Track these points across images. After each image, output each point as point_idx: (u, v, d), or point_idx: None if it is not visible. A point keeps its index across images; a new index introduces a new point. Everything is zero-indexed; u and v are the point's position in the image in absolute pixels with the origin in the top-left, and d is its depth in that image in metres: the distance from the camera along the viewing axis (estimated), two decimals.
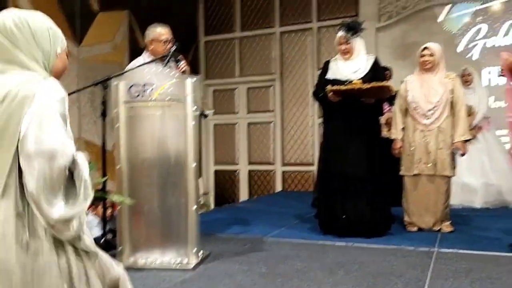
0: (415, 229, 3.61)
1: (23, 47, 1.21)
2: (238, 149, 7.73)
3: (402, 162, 3.67)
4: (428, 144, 3.53)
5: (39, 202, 1.11)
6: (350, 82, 3.33)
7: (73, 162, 1.17)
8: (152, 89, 2.77)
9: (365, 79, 3.32)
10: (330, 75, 3.52)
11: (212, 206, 7.37)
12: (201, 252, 2.86)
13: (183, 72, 3.16)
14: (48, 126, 1.12)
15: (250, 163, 7.67)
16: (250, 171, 7.65)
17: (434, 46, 3.59)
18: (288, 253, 3.05)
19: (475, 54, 6.07)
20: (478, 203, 4.63)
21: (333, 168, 3.46)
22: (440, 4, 6.24)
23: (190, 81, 2.79)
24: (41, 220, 1.13)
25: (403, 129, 3.66)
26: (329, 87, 3.32)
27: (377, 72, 3.43)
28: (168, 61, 3.00)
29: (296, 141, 7.29)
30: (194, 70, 7.00)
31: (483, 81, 5.72)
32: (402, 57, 6.12)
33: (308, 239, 3.42)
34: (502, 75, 2.90)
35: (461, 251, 2.97)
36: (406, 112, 3.67)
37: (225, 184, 7.80)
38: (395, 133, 3.69)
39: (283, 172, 7.42)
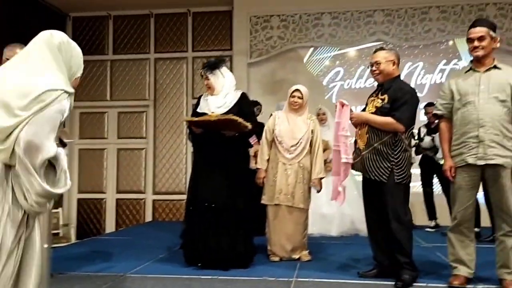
0: (277, 259, 3.77)
1: (64, 59, 1.73)
2: (106, 176, 7.32)
3: (264, 192, 3.84)
4: (288, 177, 3.75)
5: (33, 175, 1.54)
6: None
7: (55, 157, 1.62)
8: None
9: (231, 113, 3.43)
10: (199, 109, 3.62)
11: (73, 239, 6.80)
12: None
13: None
14: (47, 128, 1.58)
15: (119, 191, 7.31)
16: (118, 200, 7.28)
17: (303, 89, 3.88)
18: None
19: (334, 94, 6.72)
20: (334, 232, 5.03)
21: (198, 199, 3.48)
22: (304, 47, 6.81)
23: None
24: (24, 192, 1.57)
25: (268, 160, 3.85)
26: (185, 118, 3.40)
27: (243, 106, 3.57)
28: None
29: (168, 169, 7.18)
30: None
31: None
32: (272, 93, 6.50)
33: (173, 274, 3.33)
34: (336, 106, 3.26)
35: (316, 279, 3.17)
36: (272, 144, 3.87)
37: (89, 214, 7.29)
38: (260, 163, 3.86)
39: (154, 201, 7.21)
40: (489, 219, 3.96)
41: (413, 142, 4.46)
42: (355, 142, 3.24)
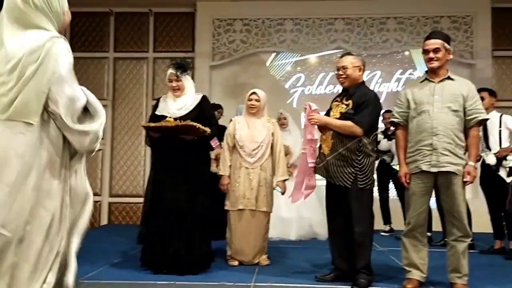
0: (236, 263, 3.75)
1: (41, 12, 1.67)
2: None
3: (227, 197, 3.82)
4: (251, 181, 3.76)
5: (67, 124, 1.64)
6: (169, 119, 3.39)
7: (87, 101, 1.71)
8: None
9: (191, 116, 3.40)
10: (158, 111, 3.55)
11: None
12: None
13: None
14: (69, 77, 1.64)
15: None
16: None
17: (260, 93, 3.90)
18: None
19: (295, 99, 6.80)
20: (293, 236, 5.07)
21: (156, 203, 3.42)
22: (266, 52, 6.86)
23: None
24: (68, 135, 1.67)
25: (231, 166, 3.83)
26: (142, 123, 3.39)
27: (204, 109, 3.54)
28: None
29: (126, 171, 7.00)
30: None
31: (301, 124, 6.41)
32: (234, 96, 6.49)
33: (129, 279, 3.25)
34: (305, 108, 3.28)
35: (275, 284, 3.18)
36: (234, 149, 3.86)
37: None
38: (223, 170, 3.84)
39: (110, 204, 7.01)
40: (440, 224, 4.12)
41: None
42: (320, 146, 3.27)
